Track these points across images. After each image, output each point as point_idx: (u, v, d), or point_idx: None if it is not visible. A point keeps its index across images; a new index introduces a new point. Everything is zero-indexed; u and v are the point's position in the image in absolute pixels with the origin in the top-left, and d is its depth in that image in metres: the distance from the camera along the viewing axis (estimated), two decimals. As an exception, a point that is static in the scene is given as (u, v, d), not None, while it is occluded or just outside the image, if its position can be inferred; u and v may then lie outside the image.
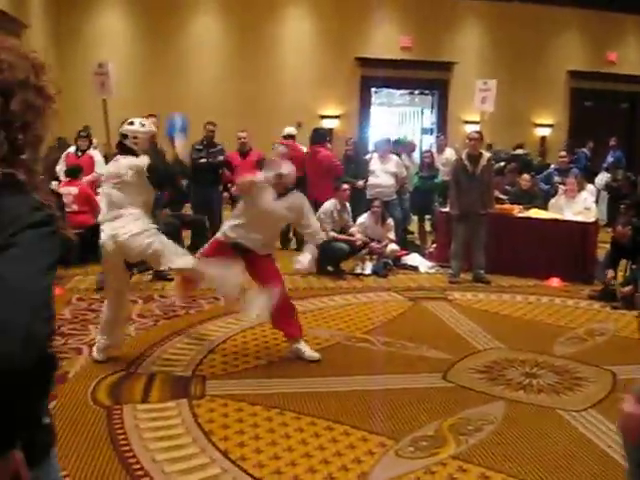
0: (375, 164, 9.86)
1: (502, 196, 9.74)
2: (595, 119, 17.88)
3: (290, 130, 10.51)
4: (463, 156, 8.48)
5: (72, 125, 10.34)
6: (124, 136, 5.05)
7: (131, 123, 5.08)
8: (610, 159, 14.44)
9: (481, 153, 8.40)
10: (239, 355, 5.42)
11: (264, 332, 6.02)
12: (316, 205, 8.83)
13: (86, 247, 8.28)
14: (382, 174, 9.70)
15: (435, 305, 7.27)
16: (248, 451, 3.79)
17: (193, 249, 9.27)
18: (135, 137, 5.06)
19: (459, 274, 8.43)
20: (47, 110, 1.48)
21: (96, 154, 10.04)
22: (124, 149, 5.07)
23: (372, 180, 9.78)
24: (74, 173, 9.06)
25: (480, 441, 3.98)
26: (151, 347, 5.53)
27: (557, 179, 11.09)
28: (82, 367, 5.04)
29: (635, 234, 7.52)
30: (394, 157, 10.02)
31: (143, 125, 5.15)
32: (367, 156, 10.55)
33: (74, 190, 8.78)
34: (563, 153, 12.02)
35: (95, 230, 8.22)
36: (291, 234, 10.02)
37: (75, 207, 8.70)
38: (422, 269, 9.05)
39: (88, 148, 10.05)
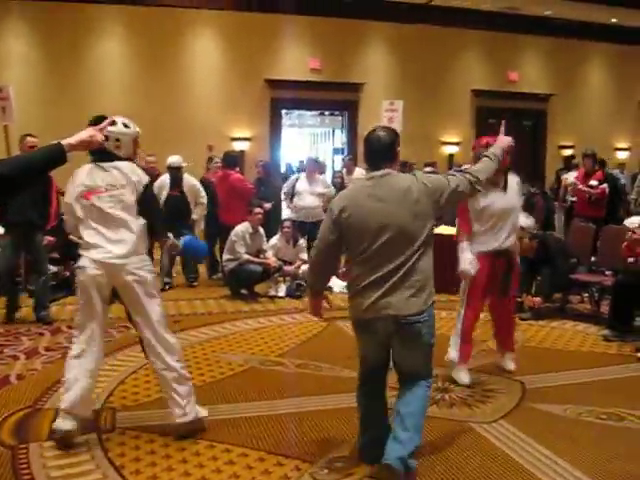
0: (302, 185, 9.89)
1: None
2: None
3: (173, 161, 9.49)
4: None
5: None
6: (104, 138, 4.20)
7: (113, 123, 4.24)
8: None
9: None
10: (151, 384, 5.29)
11: (177, 359, 5.92)
12: (227, 229, 8.80)
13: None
14: (308, 195, 9.75)
15: (349, 325, 7.27)
16: (160, 484, 3.71)
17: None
18: (117, 139, 4.36)
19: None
20: None
21: None
22: (103, 154, 4.24)
23: (298, 202, 9.80)
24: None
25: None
26: (59, 381, 5.31)
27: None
28: (-16, 405, 4.83)
29: (540, 247, 7.75)
30: (321, 177, 10.07)
31: (127, 126, 4.46)
32: (293, 177, 10.59)
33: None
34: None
35: None
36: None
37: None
38: (336, 289, 9.08)
39: None
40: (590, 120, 19.22)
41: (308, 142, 21.95)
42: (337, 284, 9.21)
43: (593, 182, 10.25)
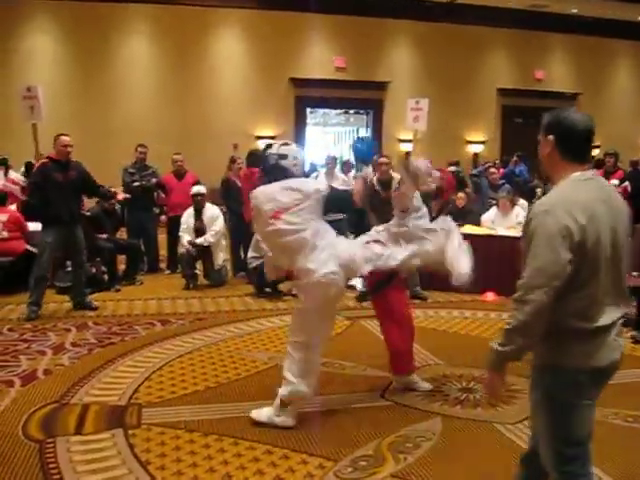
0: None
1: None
2: (525, 135, 18.32)
3: (199, 189, 9.43)
4: (374, 181, 8.52)
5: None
6: (281, 156, 4.57)
7: (269, 146, 4.72)
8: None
9: (392, 177, 8.43)
10: (176, 381, 5.33)
11: (201, 357, 5.97)
12: (249, 226, 8.79)
13: (18, 275, 8.16)
14: None
15: (373, 323, 7.25)
16: (185, 479, 3.73)
17: (129, 274, 9.24)
18: (295, 158, 4.61)
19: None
20: None
21: (17, 176, 10.05)
22: (277, 171, 4.58)
23: None
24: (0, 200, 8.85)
25: (419, 458, 3.99)
26: (85, 376, 5.40)
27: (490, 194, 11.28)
28: (13, 400, 4.88)
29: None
30: (340, 175, 9.99)
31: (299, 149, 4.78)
32: (313, 174, 10.56)
33: (3, 217, 8.58)
34: (493, 169, 12.24)
35: (26, 257, 8.16)
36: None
37: (5, 234, 8.50)
38: (359, 287, 9.07)
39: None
40: (617, 119, 19.04)
41: (332, 141, 21.96)
42: (360, 282, 9.19)
43: (614, 181, 10.21)
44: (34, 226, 8.42)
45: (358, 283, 8.71)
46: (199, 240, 9.06)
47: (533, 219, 2.53)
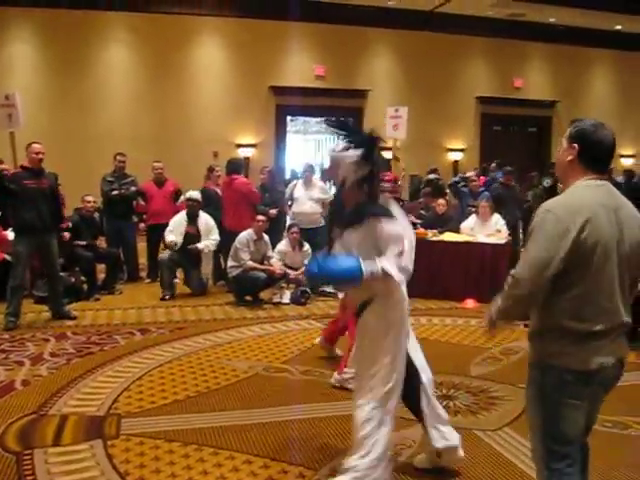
0: (299, 191, 9.82)
1: (416, 221, 9.88)
2: (505, 143, 18.53)
3: (193, 194, 9.39)
4: None
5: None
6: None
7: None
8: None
9: None
10: (156, 391, 5.30)
11: (181, 367, 5.94)
12: (232, 236, 8.79)
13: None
14: (306, 201, 9.69)
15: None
16: (165, 490, 3.71)
17: (108, 283, 9.18)
18: None
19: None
20: None
21: None
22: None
23: (296, 208, 9.76)
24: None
25: (400, 466, 4.00)
26: (64, 387, 5.36)
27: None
28: (-11, 411, 4.84)
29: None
30: (319, 182, 10.01)
31: None
32: (292, 183, 10.55)
33: (-19, 226, 8.51)
34: (474, 177, 12.29)
35: (3, 266, 8.08)
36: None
37: (-17, 243, 8.44)
38: (340, 295, 9.06)
39: None
40: (595, 127, 19.20)
41: (313, 148, 21.98)
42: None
43: None
44: (13, 235, 8.34)
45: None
46: (200, 245, 9.02)
47: (535, 218, 2.64)
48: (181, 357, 6.21)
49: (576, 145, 2.69)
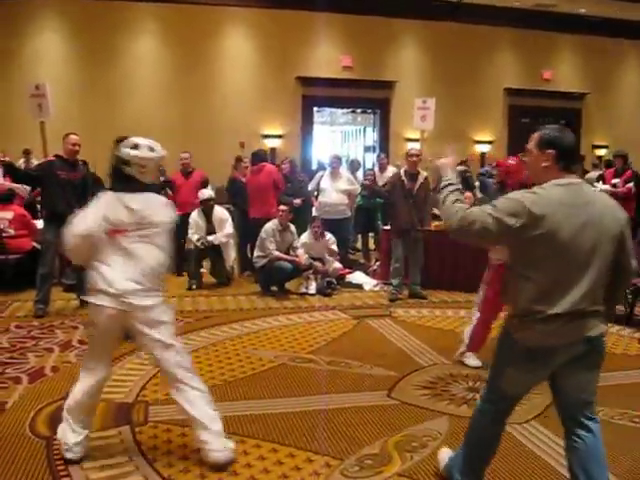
0: (325, 182, 9.85)
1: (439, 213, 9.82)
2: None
3: (207, 194, 9.40)
4: (402, 173, 8.55)
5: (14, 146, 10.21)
6: (124, 162, 3.86)
7: (135, 146, 3.89)
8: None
9: (419, 171, 8.47)
10: (183, 379, 5.33)
11: (207, 355, 5.98)
12: (259, 225, 8.82)
13: (24, 272, 8.19)
14: (333, 192, 9.71)
15: (379, 323, 7.30)
16: (192, 477, 3.73)
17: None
18: (143, 166, 3.89)
19: (400, 291, 8.47)
20: None
21: None
22: (121, 179, 3.88)
23: (322, 199, 9.78)
24: (6, 198, 8.84)
25: (425, 457, 3.99)
26: (92, 374, 5.41)
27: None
28: (20, 397, 4.90)
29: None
30: (345, 174, 10.00)
31: (152, 149, 3.97)
32: (318, 174, 10.57)
33: (9, 214, 8.60)
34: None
35: (34, 254, 8.18)
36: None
37: (12, 231, 8.53)
38: (366, 287, 9.09)
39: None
40: (624, 120, 19.00)
41: (339, 140, 21.96)
42: (367, 282, 9.21)
43: (615, 181, 10.23)
44: (42, 224, 8.44)
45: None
46: (210, 237, 9.07)
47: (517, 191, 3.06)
48: (207, 346, 6.25)
49: (552, 151, 2.99)
